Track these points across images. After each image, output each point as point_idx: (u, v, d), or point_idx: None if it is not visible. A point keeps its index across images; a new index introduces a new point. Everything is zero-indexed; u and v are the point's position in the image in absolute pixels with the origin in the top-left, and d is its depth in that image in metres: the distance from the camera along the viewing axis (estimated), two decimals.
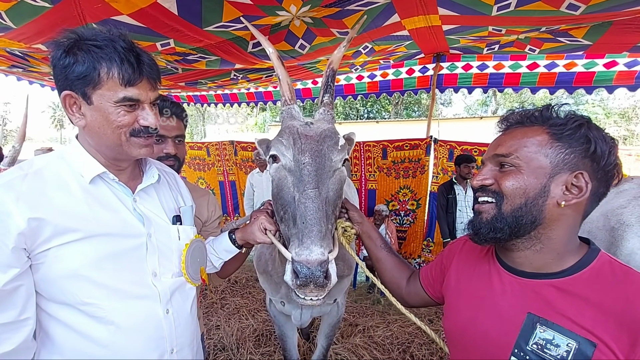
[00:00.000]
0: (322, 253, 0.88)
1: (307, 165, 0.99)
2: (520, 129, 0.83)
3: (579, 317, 0.71)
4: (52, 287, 0.82)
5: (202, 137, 22.72)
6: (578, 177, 0.75)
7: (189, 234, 1.07)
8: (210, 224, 1.52)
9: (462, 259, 1.00)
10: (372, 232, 1.24)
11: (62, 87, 0.85)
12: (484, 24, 2.26)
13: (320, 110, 1.20)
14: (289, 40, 2.40)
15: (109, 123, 0.85)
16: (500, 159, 0.83)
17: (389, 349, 2.88)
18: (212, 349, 2.84)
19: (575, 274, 0.76)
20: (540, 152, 0.78)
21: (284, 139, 1.06)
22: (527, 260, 0.82)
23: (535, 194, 0.77)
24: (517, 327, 0.78)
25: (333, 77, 1.23)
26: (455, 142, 3.77)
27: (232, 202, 5.38)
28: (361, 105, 21.07)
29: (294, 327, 2.00)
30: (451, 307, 0.97)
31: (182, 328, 0.99)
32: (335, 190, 1.05)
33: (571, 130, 0.76)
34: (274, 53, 1.23)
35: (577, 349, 0.69)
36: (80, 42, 0.82)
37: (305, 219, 0.92)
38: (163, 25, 1.97)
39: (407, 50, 3.05)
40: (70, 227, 0.81)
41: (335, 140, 1.08)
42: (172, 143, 1.35)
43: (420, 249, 4.24)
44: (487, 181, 0.84)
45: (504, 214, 0.80)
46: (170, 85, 4.11)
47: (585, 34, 2.43)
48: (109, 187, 0.92)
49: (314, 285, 0.86)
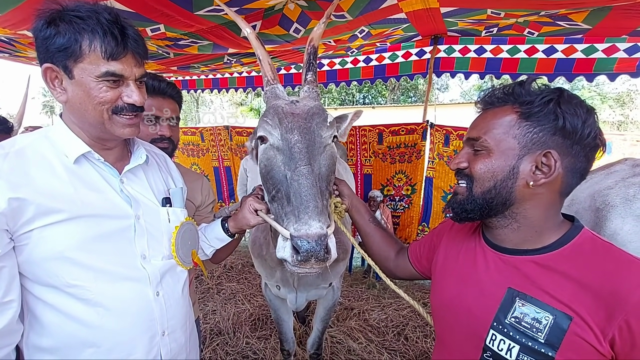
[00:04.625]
0: (320, 227, 0.88)
1: (297, 143, 0.98)
2: (492, 110, 0.83)
3: (558, 291, 0.73)
4: (37, 269, 0.81)
5: (197, 122, 22.45)
6: (547, 155, 0.75)
7: (179, 216, 1.06)
8: (203, 209, 1.51)
9: (451, 237, 1.02)
10: (360, 207, 1.25)
11: (43, 59, 0.82)
12: (482, 6, 2.21)
13: (305, 88, 1.17)
14: (283, 24, 2.34)
15: (90, 99, 0.83)
16: (472, 142, 0.83)
17: (384, 331, 2.94)
18: (209, 333, 2.88)
19: (556, 250, 0.77)
20: (508, 134, 0.78)
21: (269, 119, 1.04)
22: (507, 238, 0.84)
23: (503, 176, 0.78)
24: (497, 301, 0.80)
25: (315, 54, 1.21)
26: (452, 127, 3.74)
27: (227, 187, 5.35)
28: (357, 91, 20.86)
29: (289, 311, 2.02)
30: (438, 284, 0.99)
31: (174, 310, 0.99)
32: (327, 166, 1.04)
33: (539, 107, 0.75)
34: (252, 33, 1.21)
35: (553, 321, 0.71)
36: (63, 13, 0.79)
37: (300, 196, 0.91)
38: (152, 9, 1.91)
39: (404, 33, 3.00)
40: (54, 208, 0.80)
41: (324, 116, 1.07)
42: (167, 125, 1.32)
43: (416, 234, 4.27)
44: (462, 164, 0.85)
45: (474, 196, 0.82)
46: (162, 70, 4.03)
47: (585, 18, 2.39)
48: (95, 168, 0.90)
49: (315, 259, 0.86)
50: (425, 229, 4.22)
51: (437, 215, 4.10)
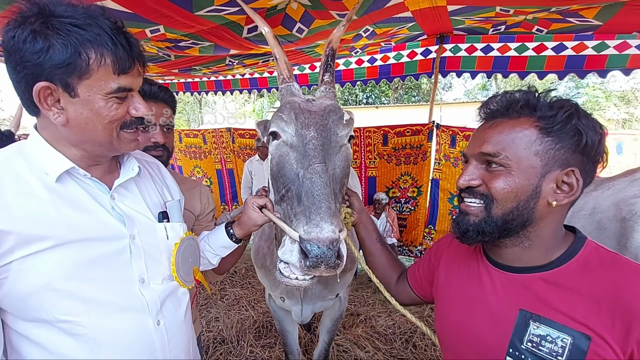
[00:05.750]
0: (333, 231, 0.80)
1: (312, 140, 0.92)
2: (507, 121, 0.75)
3: (571, 310, 0.69)
4: (21, 304, 0.71)
5: (199, 124, 22.43)
6: (569, 174, 0.72)
7: (179, 231, 0.96)
8: (203, 218, 1.43)
9: (450, 257, 0.96)
10: (369, 224, 1.19)
11: (32, 75, 0.68)
12: (491, 4, 2.14)
13: (322, 88, 1.14)
14: (286, 24, 2.27)
15: (100, 118, 0.73)
16: (487, 157, 0.76)
17: (392, 339, 2.86)
18: (212, 341, 2.81)
19: (563, 265, 0.74)
20: (530, 150, 0.72)
21: (285, 114, 0.98)
22: (515, 256, 0.80)
23: (527, 196, 0.73)
24: (510, 325, 0.75)
25: (333, 56, 1.18)
26: (458, 128, 3.67)
27: (230, 190, 5.30)
28: (360, 91, 20.75)
29: (294, 322, 1.95)
30: (442, 309, 0.93)
31: (176, 339, 0.90)
32: (342, 168, 0.98)
33: (561, 122, 0.71)
34: (270, 32, 1.18)
35: (572, 343, 0.67)
36: (52, 20, 0.67)
37: (312, 195, 0.84)
38: (151, 10, 1.85)
39: (409, 32, 2.92)
40: (36, 235, 0.70)
41: (340, 114, 1.01)
42: (161, 131, 1.24)
43: (422, 237, 4.20)
44: (474, 182, 0.78)
45: (493, 218, 0.75)
46: (163, 72, 3.98)
47: (596, 15, 2.32)
48: (80, 185, 0.80)
49: (325, 266, 0.78)
50: (432, 232, 4.15)
51: (444, 218, 4.03)
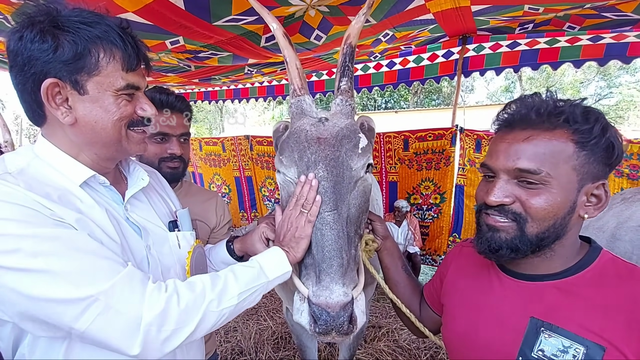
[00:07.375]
0: (344, 293, 0.73)
1: (321, 181, 0.82)
2: (542, 133, 0.70)
3: (586, 319, 0.68)
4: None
5: (221, 131, 22.88)
6: (599, 187, 0.72)
7: (190, 240, 0.95)
8: (219, 230, 1.39)
9: (460, 266, 0.93)
10: (394, 250, 1.11)
11: (40, 74, 0.69)
12: (519, 2, 2.03)
13: (337, 100, 0.99)
14: (304, 31, 2.24)
15: (109, 115, 0.73)
16: (525, 174, 0.70)
17: (416, 354, 2.74)
18: (230, 353, 2.78)
19: (578, 273, 0.74)
20: (568, 165, 0.70)
21: (287, 153, 0.88)
22: (532, 266, 0.78)
23: (564, 212, 0.71)
24: (519, 333, 0.74)
25: (352, 55, 0.99)
26: (484, 132, 3.50)
27: (249, 197, 5.31)
28: (379, 95, 20.59)
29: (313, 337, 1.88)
30: (450, 316, 0.90)
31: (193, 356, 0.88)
32: (358, 207, 0.88)
33: (597, 136, 0.69)
34: (279, 29, 1.03)
35: (585, 354, 0.65)
36: (60, 19, 0.68)
37: (322, 250, 0.77)
38: (170, 21, 1.86)
39: (430, 34, 2.83)
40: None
41: (355, 142, 0.89)
42: (177, 142, 1.22)
43: (447, 245, 4.04)
44: (507, 199, 0.73)
45: (527, 236, 0.72)
46: (184, 82, 4.05)
47: (636, 8, 2.16)
48: (97, 194, 0.78)
49: (336, 332, 0.72)
50: (457, 240, 3.98)
51: (469, 226, 3.86)
